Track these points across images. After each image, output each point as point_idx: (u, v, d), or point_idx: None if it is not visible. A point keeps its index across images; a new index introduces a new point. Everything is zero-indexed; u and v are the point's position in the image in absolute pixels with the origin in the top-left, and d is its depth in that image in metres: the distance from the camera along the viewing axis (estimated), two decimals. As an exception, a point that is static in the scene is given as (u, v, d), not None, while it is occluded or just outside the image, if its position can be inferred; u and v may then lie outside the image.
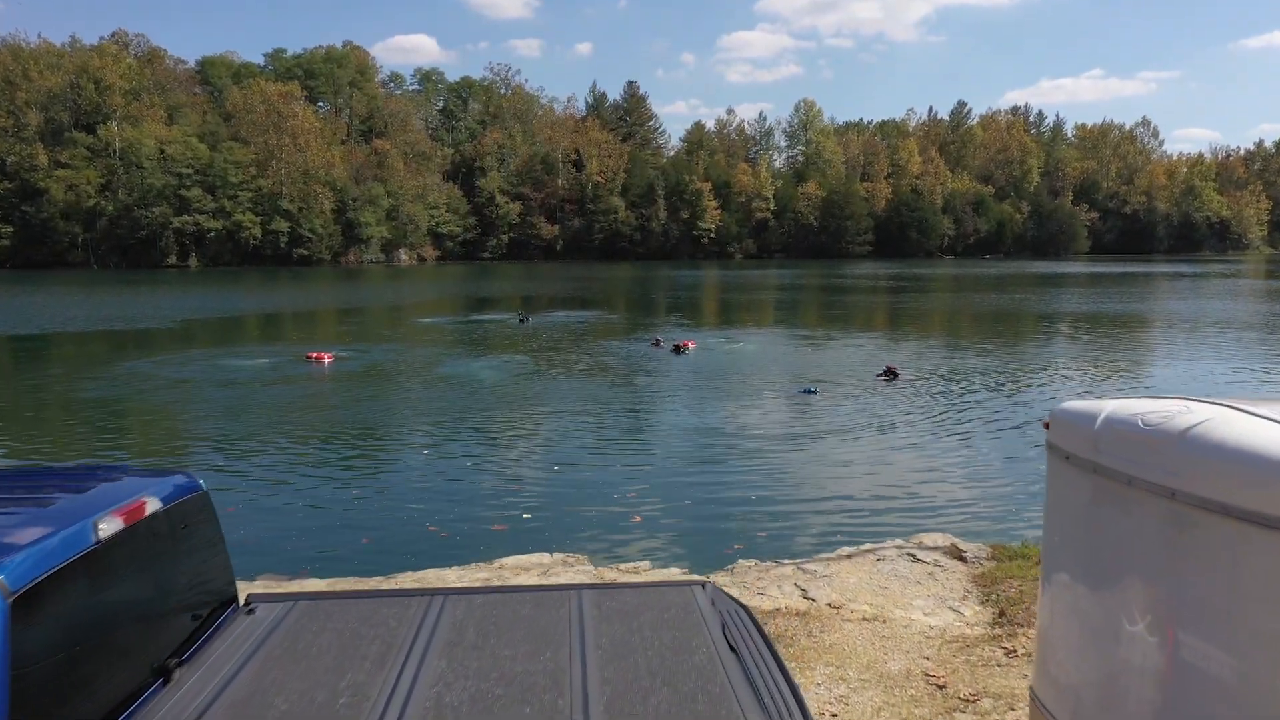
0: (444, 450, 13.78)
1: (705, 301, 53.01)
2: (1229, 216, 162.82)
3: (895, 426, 15.60)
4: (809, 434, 14.91)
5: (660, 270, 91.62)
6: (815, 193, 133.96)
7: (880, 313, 44.74)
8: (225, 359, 24.97)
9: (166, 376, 21.45)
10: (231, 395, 19.14)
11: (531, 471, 12.42)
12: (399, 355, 25.93)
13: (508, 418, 16.32)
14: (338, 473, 12.58)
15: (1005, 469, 12.82)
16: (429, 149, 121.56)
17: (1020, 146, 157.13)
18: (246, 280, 71.40)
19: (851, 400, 18.32)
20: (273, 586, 7.27)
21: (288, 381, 20.78)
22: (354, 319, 40.09)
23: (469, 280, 74.12)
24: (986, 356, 26.21)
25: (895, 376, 21.11)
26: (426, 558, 8.89)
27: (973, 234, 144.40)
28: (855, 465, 12.92)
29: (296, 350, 26.06)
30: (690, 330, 33.27)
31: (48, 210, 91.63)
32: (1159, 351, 27.64)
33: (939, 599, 6.90)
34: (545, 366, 23.44)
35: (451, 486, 11.69)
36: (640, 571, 7.71)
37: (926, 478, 12.30)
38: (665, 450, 13.78)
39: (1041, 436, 3.65)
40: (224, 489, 11.54)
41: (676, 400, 18.35)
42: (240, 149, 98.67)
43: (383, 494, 11.37)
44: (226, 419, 16.55)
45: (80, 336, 31.94)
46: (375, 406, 17.80)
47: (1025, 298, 52.94)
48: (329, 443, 14.43)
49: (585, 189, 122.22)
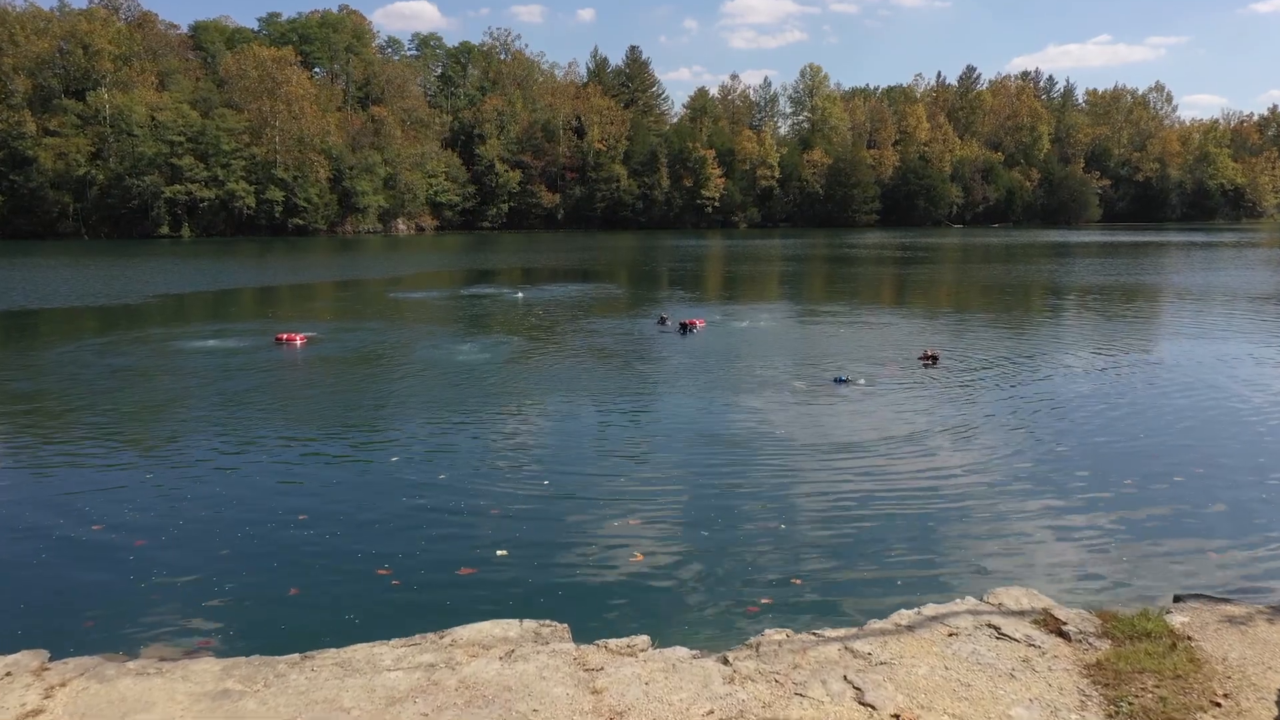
0: (412, 460, 11.73)
1: (710, 274, 50.97)
2: (1243, 184, 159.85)
3: (946, 428, 13.35)
4: (845, 438, 12.61)
5: (663, 240, 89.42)
6: (821, 160, 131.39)
7: (898, 286, 42.73)
8: (186, 340, 22.96)
9: (106, 364, 19.24)
10: (174, 387, 16.98)
11: (514, 489, 10.43)
12: (380, 336, 24.01)
13: (490, 418, 14.26)
14: (276, 491, 10.38)
15: (1094, 490, 10.33)
16: (427, 116, 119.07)
17: (1030, 112, 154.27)
18: (239, 251, 69.41)
19: (890, 392, 16.15)
20: (148, 668, 5.44)
21: (248, 369, 18.83)
22: (341, 294, 38.15)
23: (467, 251, 72.07)
24: (1029, 336, 24.19)
25: (935, 361, 19.01)
26: (367, 618, 7.04)
27: (981, 202, 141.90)
28: (904, 481, 10.61)
29: (272, 329, 24.17)
30: (697, 307, 31.34)
31: (37, 179, 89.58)
32: (1227, 331, 25.53)
33: (1048, 709, 5.02)
34: (539, 351, 21.50)
35: (415, 510, 9.66)
36: (636, 651, 5.84)
37: (994, 501, 9.98)
38: (673, 461, 11.68)
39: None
40: (127, 513, 9.65)
41: (686, 394, 16.28)
42: (233, 116, 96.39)
43: (328, 521, 9.24)
44: (153, 419, 14.33)
45: (31, 314, 29.92)
46: (341, 402, 15.73)
47: (1049, 268, 50.80)
48: (273, 450, 12.24)
49: (587, 157, 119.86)
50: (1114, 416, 14.23)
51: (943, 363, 19.01)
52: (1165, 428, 13.54)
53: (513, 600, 7.37)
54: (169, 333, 24.80)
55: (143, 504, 9.90)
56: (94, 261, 55.82)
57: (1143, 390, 16.46)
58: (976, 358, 20.02)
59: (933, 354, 19.35)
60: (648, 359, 20.37)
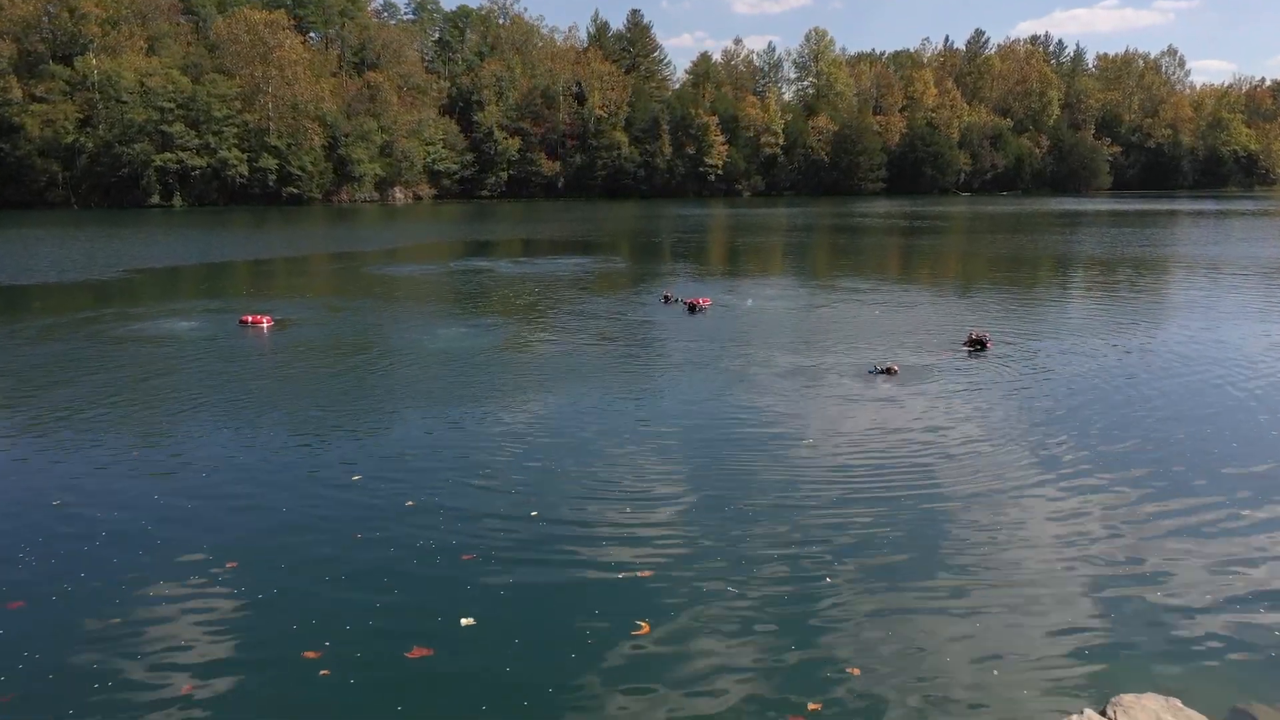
0: (369, 480, 9.67)
1: (715, 245, 48.95)
2: (1256, 150, 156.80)
3: (1011, 436, 11.19)
4: (894, 456, 10.41)
5: (666, 209, 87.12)
6: (826, 126, 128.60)
7: (915, 258, 40.70)
8: (140, 323, 20.93)
9: (37, 354, 17.21)
10: (108, 382, 14.80)
11: (490, 525, 8.50)
12: (361, 318, 22.09)
13: (470, 424, 12.13)
14: (191, 527, 8.36)
15: (1216, 525, 8.40)
16: (424, 81, 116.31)
17: (1040, 77, 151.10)
18: (230, 221, 67.28)
19: (937, 388, 13.92)
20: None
21: (202, 357, 16.87)
22: (327, 268, 36.16)
23: (465, 221, 69.93)
24: (1083, 316, 22.10)
25: (984, 348, 16.82)
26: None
27: (990, 169, 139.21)
28: (978, 520, 8.43)
29: (243, 308, 22.28)
30: (703, 283, 29.42)
31: (24, 147, 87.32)
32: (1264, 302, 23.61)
33: None
34: (532, 338, 19.54)
35: (364, 556, 7.68)
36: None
37: (1097, 545, 7.93)
38: (691, 485, 9.63)
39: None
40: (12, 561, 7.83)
41: (697, 391, 14.13)
42: (225, 82, 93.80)
43: (251, 585, 7.18)
44: (55, 427, 12.03)
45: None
46: (299, 403, 13.48)
47: (1075, 238, 48.55)
48: (203, 470, 10.05)
49: (587, 123, 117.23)
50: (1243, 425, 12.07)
51: (993, 347, 16.97)
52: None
53: (477, 693, 5.57)
54: (125, 313, 22.78)
55: (45, 547, 8.07)
56: (81, 232, 53.74)
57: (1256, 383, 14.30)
58: (1029, 343, 17.92)
59: (979, 337, 17.09)
60: (654, 347, 18.50)
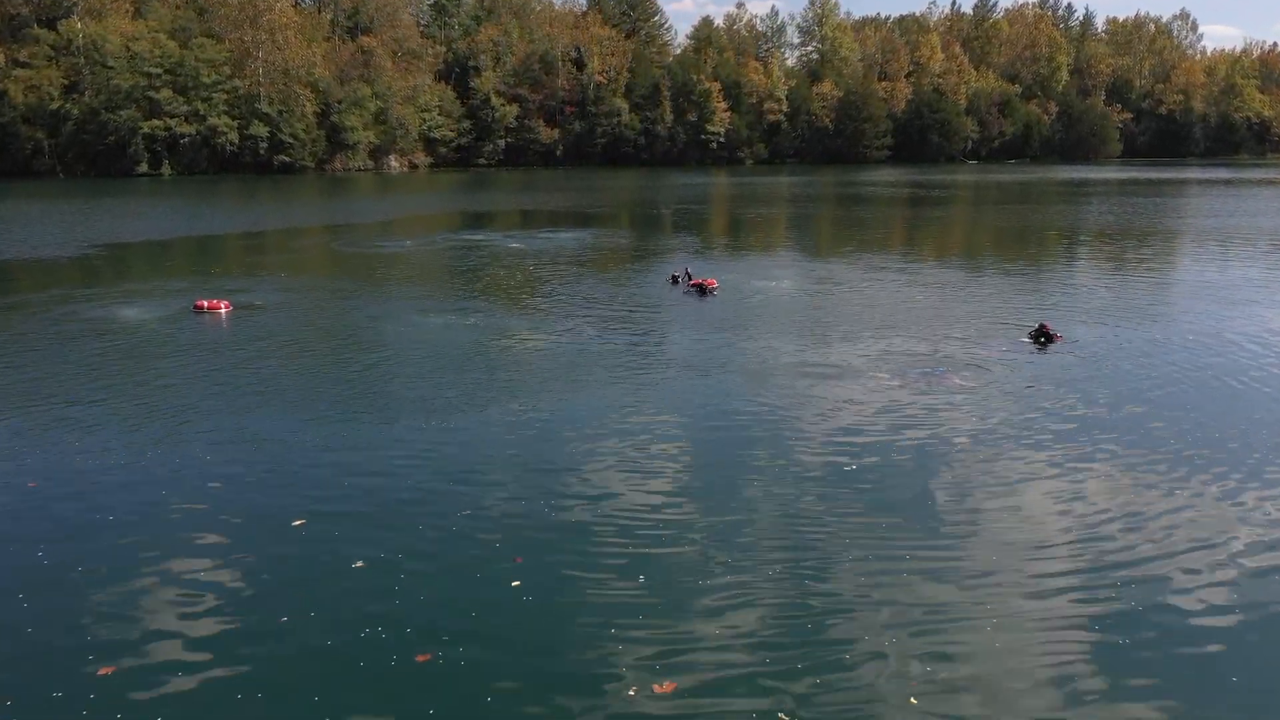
0: (334, 511, 8.04)
1: (719, 216, 46.88)
2: (1270, 116, 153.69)
3: (1105, 449, 9.56)
4: (968, 483, 8.73)
5: (667, 178, 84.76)
6: (830, 93, 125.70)
7: (932, 232, 38.65)
8: (89, 306, 19.08)
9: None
10: (23, 380, 13.14)
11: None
12: (331, 301, 20.15)
13: (456, 427, 10.39)
14: (123, 559, 6.94)
15: None
16: (419, 46, 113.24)
17: (1049, 42, 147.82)
18: (218, 191, 65.10)
19: (1005, 390, 12.05)
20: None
21: (144, 348, 15.04)
22: (309, 242, 34.09)
23: (460, 191, 67.76)
24: (1144, 293, 20.21)
25: (1051, 340, 14.95)
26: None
27: (998, 137, 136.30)
28: (1074, 563, 7.12)
29: (206, 290, 20.34)
30: (711, 258, 27.47)
31: (8, 114, 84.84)
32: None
33: None
34: (527, 324, 17.66)
35: (337, 590, 6.04)
36: None
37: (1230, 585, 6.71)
38: (705, 508, 8.03)
39: None
40: None
41: (711, 388, 12.30)
42: (214, 46, 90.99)
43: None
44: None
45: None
46: (256, 404, 11.85)
47: (1103, 208, 46.47)
48: (136, 488, 8.59)
49: (586, 90, 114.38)
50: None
51: (1061, 340, 15.05)
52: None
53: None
54: (74, 294, 20.87)
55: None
56: (66, 203, 51.56)
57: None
58: (1105, 336, 15.84)
59: (1047, 329, 15.21)
60: (658, 332, 16.63)
